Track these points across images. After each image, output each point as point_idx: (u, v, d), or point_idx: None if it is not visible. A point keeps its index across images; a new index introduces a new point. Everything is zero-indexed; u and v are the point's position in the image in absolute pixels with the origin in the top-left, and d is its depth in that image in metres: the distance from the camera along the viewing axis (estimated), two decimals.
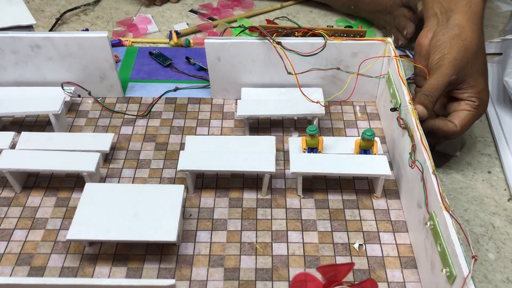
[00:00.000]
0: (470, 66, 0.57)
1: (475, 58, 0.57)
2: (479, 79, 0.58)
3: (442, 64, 0.56)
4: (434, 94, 0.56)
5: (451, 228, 0.42)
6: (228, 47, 0.65)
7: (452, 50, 0.56)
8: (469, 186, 0.60)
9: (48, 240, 0.53)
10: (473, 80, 0.57)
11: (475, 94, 0.58)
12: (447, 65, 0.56)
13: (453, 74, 0.56)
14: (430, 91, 0.56)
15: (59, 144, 0.60)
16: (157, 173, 0.60)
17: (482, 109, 0.59)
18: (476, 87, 0.58)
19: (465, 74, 0.57)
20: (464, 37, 0.57)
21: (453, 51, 0.56)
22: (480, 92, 0.58)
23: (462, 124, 0.58)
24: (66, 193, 0.58)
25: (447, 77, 0.56)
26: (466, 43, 0.57)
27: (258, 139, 0.61)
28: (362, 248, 0.53)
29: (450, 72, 0.56)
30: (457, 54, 0.56)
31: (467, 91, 0.58)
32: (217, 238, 0.53)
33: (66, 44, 0.65)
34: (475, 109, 0.58)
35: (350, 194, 0.58)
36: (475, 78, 0.57)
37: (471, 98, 0.58)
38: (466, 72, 0.57)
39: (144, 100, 0.71)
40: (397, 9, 0.78)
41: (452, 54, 0.56)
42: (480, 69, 0.58)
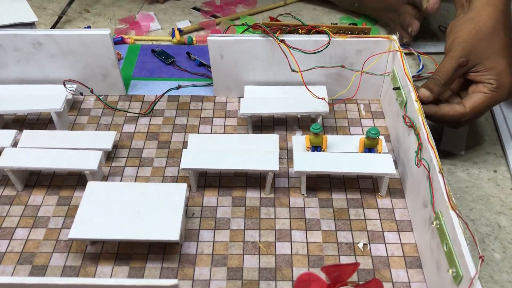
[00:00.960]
0: (484, 48, 0.56)
1: (490, 39, 0.56)
2: (499, 61, 0.56)
3: (452, 47, 0.56)
4: (442, 78, 0.56)
5: (458, 227, 0.42)
6: (231, 44, 0.64)
7: (463, 33, 0.56)
8: (474, 185, 0.59)
9: (50, 239, 0.53)
10: (491, 62, 0.56)
11: (494, 76, 0.56)
12: (455, 48, 0.56)
13: (462, 56, 0.55)
14: (438, 75, 0.56)
15: (61, 142, 0.59)
16: (159, 172, 0.60)
17: (501, 92, 0.56)
18: (494, 69, 0.56)
19: (479, 56, 0.56)
20: (477, 19, 0.56)
21: (464, 34, 0.56)
22: (499, 74, 0.56)
23: (473, 106, 0.56)
24: (68, 192, 0.58)
25: (454, 59, 0.55)
26: (479, 25, 0.56)
27: (261, 138, 0.60)
28: (366, 247, 0.52)
29: (458, 55, 0.55)
30: (467, 36, 0.56)
31: (485, 73, 0.56)
32: (220, 237, 0.53)
33: (68, 41, 0.64)
34: (492, 92, 0.56)
35: (355, 193, 0.58)
36: (493, 59, 0.56)
37: (489, 80, 0.56)
38: (479, 54, 0.56)
39: (146, 98, 0.70)
40: (401, 6, 0.77)
41: (462, 36, 0.56)
42: (500, 50, 0.56)
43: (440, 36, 0.84)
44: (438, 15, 0.88)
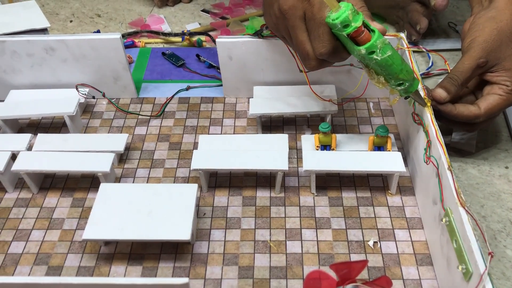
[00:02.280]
0: (504, 48, 0.55)
1: (511, 40, 0.55)
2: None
3: (471, 46, 0.55)
4: (459, 78, 0.54)
5: (467, 224, 0.42)
6: (239, 46, 0.65)
7: (484, 32, 0.55)
8: (485, 182, 0.59)
9: (65, 240, 0.54)
10: (510, 64, 0.55)
11: (510, 78, 0.55)
12: (475, 48, 0.54)
13: (482, 57, 0.54)
14: (455, 74, 0.55)
15: (75, 145, 0.60)
16: (171, 173, 0.61)
17: None
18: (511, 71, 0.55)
19: (499, 57, 0.55)
20: (499, 19, 0.55)
21: (484, 34, 0.55)
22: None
23: (487, 108, 0.55)
24: (82, 194, 0.59)
25: (474, 60, 0.54)
26: (501, 25, 0.55)
27: (271, 137, 0.61)
28: (376, 245, 0.52)
29: (478, 55, 0.54)
30: (488, 36, 0.54)
31: (501, 74, 0.55)
32: (231, 237, 0.54)
33: (80, 46, 0.65)
34: (507, 94, 0.55)
35: (364, 191, 0.58)
36: (511, 61, 0.55)
37: (506, 82, 0.55)
38: (499, 54, 0.55)
39: (157, 101, 0.71)
40: (410, 4, 0.77)
41: (483, 36, 0.55)
42: None
43: (450, 32, 0.84)
44: (447, 12, 0.88)
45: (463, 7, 0.90)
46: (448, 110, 0.55)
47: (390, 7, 0.81)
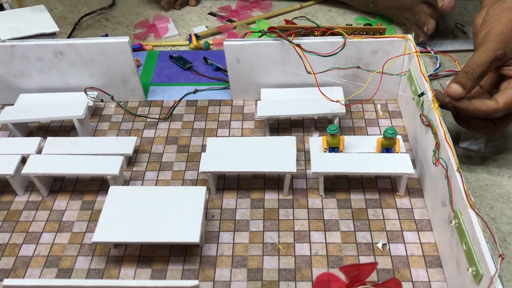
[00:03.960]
0: None
1: None
2: None
3: (487, 38, 0.52)
4: (475, 71, 0.52)
5: (477, 226, 0.42)
6: (247, 48, 0.65)
7: (500, 23, 0.52)
8: (495, 183, 0.59)
9: (75, 243, 0.54)
10: None
11: None
12: (492, 39, 0.52)
13: (499, 49, 0.51)
14: (471, 67, 0.52)
15: (84, 148, 0.61)
16: (179, 175, 0.61)
17: None
18: None
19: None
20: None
21: (501, 24, 0.52)
22: None
23: (506, 102, 0.52)
24: (91, 196, 0.59)
25: (491, 52, 0.52)
26: None
27: (278, 140, 0.61)
28: (385, 247, 0.52)
29: (495, 47, 0.52)
30: (505, 27, 0.52)
31: None
32: (240, 239, 0.54)
33: (88, 50, 0.66)
34: None
35: (373, 193, 0.58)
36: None
37: None
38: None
39: (165, 103, 0.71)
40: (417, 5, 0.77)
41: (499, 27, 0.52)
42: None
43: (457, 34, 0.83)
44: (455, 13, 0.87)
45: (471, 8, 0.89)
46: (464, 106, 0.52)
47: (397, 8, 0.81)
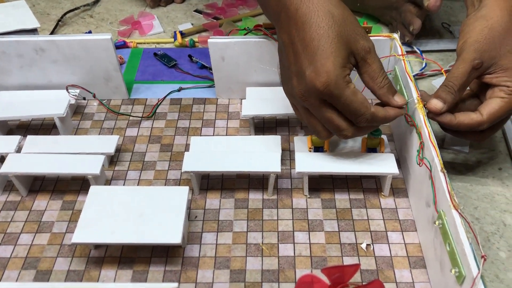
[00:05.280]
0: (498, 46, 0.51)
1: (504, 37, 0.51)
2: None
3: (463, 49, 0.52)
4: (455, 84, 0.51)
5: (460, 227, 0.41)
6: (232, 46, 0.64)
7: (474, 32, 0.52)
8: (479, 184, 0.59)
9: (54, 244, 0.53)
10: (507, 62, 0.51)
11: (510, 78, 0.51)
12: (467, 49, 0.51)
13: (476, 58, 0.51)
14: (451, 81, 0.52)
15: (65, 147, 0.60)
16: (162, 175, 0.60)
17: None
18: (510, 70, 0.51)
19: (494, 56, 0.51)
20: (490, 16, 0.52)
21: (475, 33, 0.52)
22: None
23: (490, 113, 0.51)
24: (72, 196, 0.58)
25: (467, 62, 0.51)
26: (491, 23, 0.52)
27: (263, 139, 0.60)
28: (370, 248, 0.52)
29: (471, 57, 0.51)
30: (479, 36, 0.51)
31: (500, 75, 0.52)
32: (223, 240, 0.53)
33: (70, 47, 0.65)
34: (509, 95, 0.51)
35: (358, 193, 0.58)
36: (508, 59, 0.51)
37: (506, 82, 0.51)
38: (494, 53, 0.51)
39: (149, 102, 0.70)
40: (403, 5, 0.76)
41: (473, 36, 0.52)
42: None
43: (443, 33, 0.83)
44: (441, 12, 0.87)
45: (457, 8, 0.89)
46: (447, 121, 0.52)
47: (384, 7, 0.81)
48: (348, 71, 0.48)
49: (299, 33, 0.48)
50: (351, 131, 0.50)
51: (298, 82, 0.49)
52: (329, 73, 0.46)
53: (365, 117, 0.49)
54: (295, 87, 0.49)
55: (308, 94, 0.48)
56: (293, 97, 0.51)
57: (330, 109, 0.49)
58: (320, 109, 0.49)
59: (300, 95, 0.49)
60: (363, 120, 0.49)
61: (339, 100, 0.47)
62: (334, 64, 0.46)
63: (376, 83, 0.50)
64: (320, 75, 0.46)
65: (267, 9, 0.53)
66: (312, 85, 0.47)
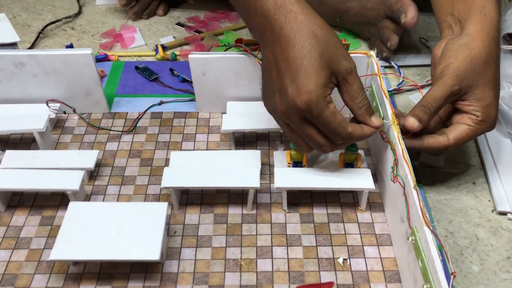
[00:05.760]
0: (476, 76, 0.54)
1: (483, 68, 0.54)
2: (487, 92, 0.55)
3: (445, 73, 0.54)
4: (432, 105, 0.54)
5: (432, 244, 0.42)
6: (212, 62, 0.65)
7: (457, 59, 0.54)
8: (453, 198, 0.60)
9: (32, 260, 0.53)
10: (480, 92, 0.54)
11: (480, 108, 0.54)
12: (449, 75, 0.54)
13: (455, 85, 0.54)
14: (429, 101, 0.54)
15: (44, 162, 0.59)
16: (142, 190, 0.60)
17: (486, 126, 0.55)
18: (482, 101, 0.54)
19: (471, 85, 0.54)
20: (472, 46, 0.55)
21: (458, 60, 0.54)
22: (486, 106, 0.54)
23: (456, 138, 0.55)
24: (51, 212, 0.58)
25: (448, 87, 0.54)
26: (474, 53, 0.54)
27: (243, 154, 0.61)
28: (346, 262, 0.53)
29: (451, 83, 0.54)
30: (461, 63, 0.54)
31: (472, 104, 0.55)
32: (202, 255, 0.53)
33: (51, 61, 0.65)
34: (476, 125, 0.55)
35: (335, 208, 0.59)
36: (482, 90, 0.54)
37: (475, 112, 0.55)
38: (471, 82, 0.54)
39: (129, 115, 0.71)
40: (381, 21, 0.78)
41: (456, 63, 0.54)
42: (489, 81, 0.55)
43: (421, 48, 0.85)
44: (419, 27, 0.89)
45: (434, 23, 0.91)
46: (417, 146, 0.55)
47: (362, 23, 0.82)
48: (329, 90, 0.49)
49: (283, 52, 0.49)
50: (330, 147, 0.52)
51: (280, 99, 0.50)
52: (310, 93, 0.47)
53: (341, 137, 0.50)
54: (277, 104, 0.51)
55: (290, 111, 0.49)
56: (275, 113, 0.53)
57: (310, 126, 0.50)
58: (300, 126, 0.51)
59: (282, 112, 0.50)
60: (340, 139, 0.51)
61: (319, 119, 0.49)
62: (315, 84, 0.47)
63: (355, 103, 0.51)
64: (302, 94, 0.47)
65: (252, 27, 0.55)
66: (294, 103, 0.48)
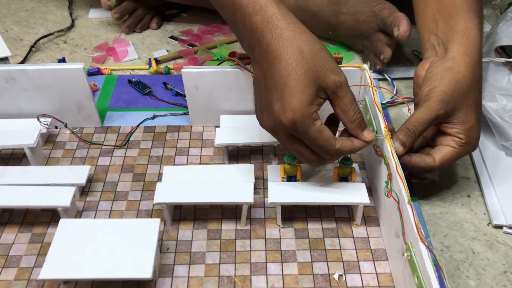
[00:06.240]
0: (460, 100, 0.55)
1: (467, 92, 0.55)
2: (470, 115, 0.55)
3: (430, 97, 0.55)
4: (417, 129, 0.55)
5: (427, 260, 0.42)
6: (205, 76, 0.65)
7: (442, 83, 0.55)
8: (448, 211, 0.60)
9: (22, 279, 0.52)
10: (463, 115, 0.55)
11: (463, 131, 0.55)
12: (435, 99, 0.55)
13: (441, 109, 0.54)
14: (413, 125, 0.55)
15: (34, 178, 0.59)
16: (134, 205, 0.60)
17: (469, 147, 0.56)
18: (465, 123, 0.55)
19: (455, 108, 0.55)
20: (457, 70, 0.55)
21: (443, 84, 0.55)
22: (469, 129, 0.55)
23: (442, 160, 0.56)
24: (42, 229, 0.57)
25: (434, 111, 0.54)
26: (458, 76, 0.55)
27: (237, 168, 0.61)
28: (342, 278, 0.52)
29: (437, 107, 0.54)
30: (447, 87, 0.55)
31: (456, 127, 0.56)
32: (195, 272, 0.53)
33: (42, 76, 0.64)
34: (460, 147, 0.56)
35: (330, 222, 0.58)
36: (465, 113, 0.55)
37: (459, 134, 0.56)
38: (455, 106, 0.55)
39: (122, 130, 0.70)
40: (374, 34, 0.78)
41: (441, 87, 0.55)
42: (472, 105, 0.56)
43: (414, 60, 0.85)
44: (412, 40, 0.89)
45: None
46: (404, 162, 0.55)
47: (355, 36, 0.82)
48: (315, 107, 0.49)
49: (270, 69, 0.49)
50: (319, 162, 0.52)
51: (268, 116, 0.50)
52: (295, 111, 0.47)
53: (329, 153, 0.50)
54: (265, 120, 0.51)
55: (276, 128, 0.50)
56: (264, 128, 0.53)
57: (297, 143, 0.50)
58: (288, 143, 0.51)
59: (269, 129, 0.51)
60: (328, 155, 0.51)
61: (305, 136, 0.49)
62: (299, 102, 0.47)
63: (347, 116, 0.51)
64: (287, 112, 0.47)
65: (242, 42, 0.55)
66: (279, 120, 0.48)
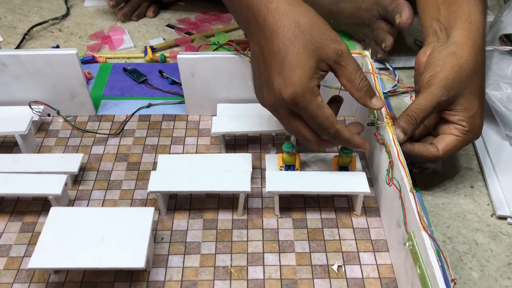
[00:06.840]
0: (463, 86, 0.53)
1: (470, 78, 0.53)
2: (473, 102, 0.54)
3: (432, 83, 0.53)
4: (419, 116, 0.53)
5: (430, 249, 0.40)
6: (202, 62, 0.63)
7: (445, 68, 0.53)
8: (451, 202, 0.58)
9: (11, 269, 0.50)
10: (466, 102, 0.53)
11: (466, 119, 0.54)
12: (437, 85, 0.53)
13: (443, 95, 0.52)
14: (415, 112, 0.53)
15: (25, 166, 0.57)
16: (128, 195, 0.58)
17: (472, 135, 0.55)
18: (468, 110, 0.53)
19: (457, 94, 0.53)
20: (460, 55, 0.54)
21: (446, 70, 0.53)
22: (472, 116, 0.54)
23: (445, 150, 0.54)
24: (33, 218, 0.55)
25: (436, 97, 0.52)
26: (461, 62, 0.53)
27: (234, 157, 0.59)
28: (341, 269, 0.51)
29: (439, 93, 0.52)
30: (449, 73, 0.53)
31: (459, 114, 0.54)
32: (190, 263, 0.51)
33: (34, 62, 0.62)
34: (463, 135, 0.54)
35: (329, 212, 0.56)
36: (468, 99, 0.53)
37: (462, 122, 0.54)
38: (458, 92, 0.53)
39: (117, 118, 0.68)
40: (375, 22, 0.77)
41: (444, 72, 0.53)
42: (475, 91, 0.54)
43: (416, 50, 0.84)
44: (414, 29, 0.88)
45: None
46: (407, 151, 0.53)
47: (356, 24, 0.81)
48: (316, 81, 0.48)
49: (268, 44, 0.48)
50: (317, 143, 0.51)
51: (268, 92, 0.49)
52: (295, 85, 0.46)
53: (328, 131, 0.49)
54: (265, 97, 0.50)
55: (277, 104, 0.49)
56: (264, 106, 0.52)
57: (297, 120, 0.49)
58: (288, 119, 0.49)
59: (269, 105, 0.50)
60: (327, 134, 0.49)
61: (305, 112, 0.48)
62: (300, 76, 0.46)
63: (354, 85, 0.49)
64: (287, 87, 0.46)
65: (238, 19, 0.54)
66: (280, 96, 0.47)
